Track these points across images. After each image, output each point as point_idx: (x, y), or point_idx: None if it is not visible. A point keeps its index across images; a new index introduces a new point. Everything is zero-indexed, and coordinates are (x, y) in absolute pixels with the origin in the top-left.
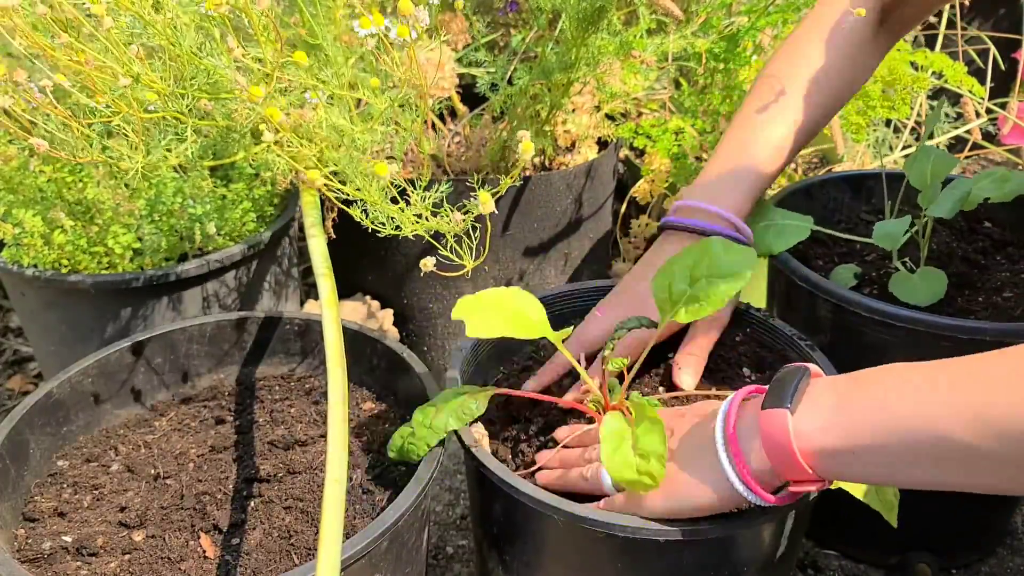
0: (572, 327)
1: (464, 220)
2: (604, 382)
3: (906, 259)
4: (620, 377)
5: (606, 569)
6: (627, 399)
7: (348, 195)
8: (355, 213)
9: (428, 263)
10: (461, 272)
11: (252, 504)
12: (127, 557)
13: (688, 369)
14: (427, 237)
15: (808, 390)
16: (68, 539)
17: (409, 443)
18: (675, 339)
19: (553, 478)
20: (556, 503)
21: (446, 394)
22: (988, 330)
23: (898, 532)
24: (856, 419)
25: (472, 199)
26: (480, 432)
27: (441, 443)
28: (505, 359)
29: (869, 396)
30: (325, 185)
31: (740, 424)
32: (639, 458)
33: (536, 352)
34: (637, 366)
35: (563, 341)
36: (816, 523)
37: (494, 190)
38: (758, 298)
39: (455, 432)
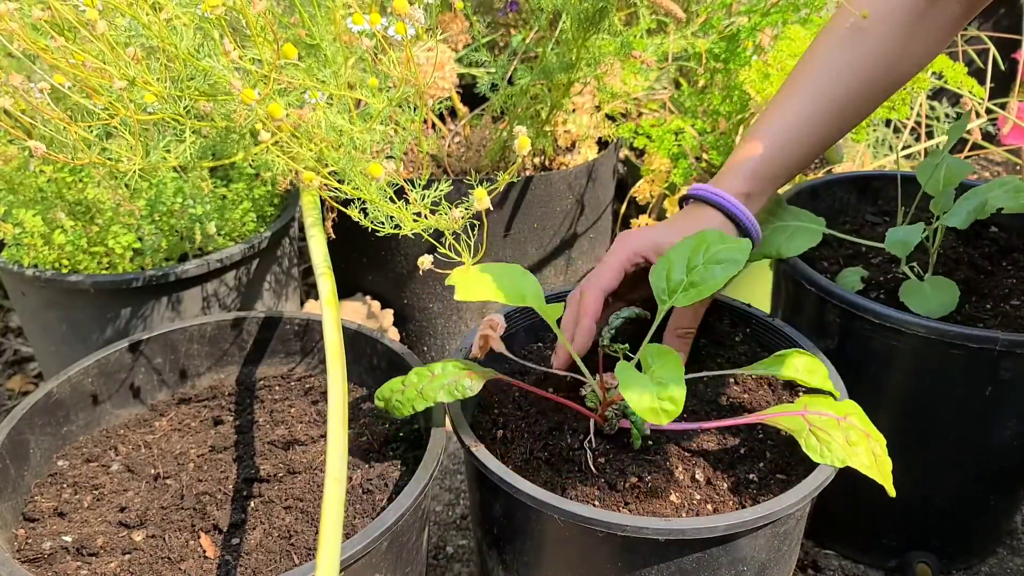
0: (563, 304)
1: (462, 217)
2: (602, 379)
3: (913, 264)
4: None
5: (606, 569)
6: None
7: (347, 194)
8: (353, 213)
9: (426, 261)
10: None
11: (252, 504)
12: (127, 557)
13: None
14: (426, 236)
15: None
16: (68, 539)
17: (397, 400)
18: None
19: None
20: (556, 503)
21: (447, 363)
22: (1001, 340)
23: (898, 532)
24: None
25: (471, 197)
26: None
27: (438, 412)
28: (505, 358)
29: None
30: (323, 186)
31: None
32: (658, 387)
33: (537, 350)
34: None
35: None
36: (816, 523)
37: (491, 187)
38: (761, 300)
39: (455, 432)
